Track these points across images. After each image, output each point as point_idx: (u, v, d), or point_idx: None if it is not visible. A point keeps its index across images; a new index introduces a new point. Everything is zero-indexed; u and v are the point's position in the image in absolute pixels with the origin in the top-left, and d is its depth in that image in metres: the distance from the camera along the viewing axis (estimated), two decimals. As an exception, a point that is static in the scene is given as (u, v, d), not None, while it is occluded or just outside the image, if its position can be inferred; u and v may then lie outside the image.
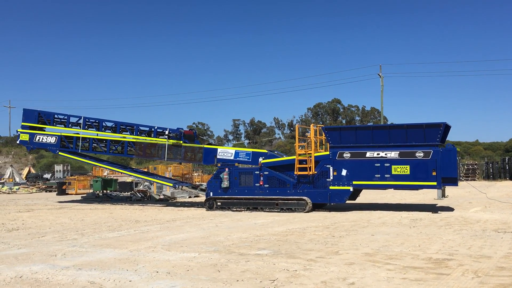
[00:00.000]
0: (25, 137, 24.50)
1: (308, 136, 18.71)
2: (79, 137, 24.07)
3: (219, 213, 18.27)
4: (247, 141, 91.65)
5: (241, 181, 19.20)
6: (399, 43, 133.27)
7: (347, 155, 17.51)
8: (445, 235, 11.30)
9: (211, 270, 7.74)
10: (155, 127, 23.04)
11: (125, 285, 6.94)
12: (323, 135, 18.85)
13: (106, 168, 31.34)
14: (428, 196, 24.45)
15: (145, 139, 23.32)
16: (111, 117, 43.46)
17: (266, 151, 20.83)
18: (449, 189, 28.00)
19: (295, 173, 18.16)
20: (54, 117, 24.62)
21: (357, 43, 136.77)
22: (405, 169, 16.70)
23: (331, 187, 17.69)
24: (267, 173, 18.79)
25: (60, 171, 51.44)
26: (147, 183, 30.39)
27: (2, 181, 51.87)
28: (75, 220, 16.67)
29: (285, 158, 19.66)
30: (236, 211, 18.65)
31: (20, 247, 10.56)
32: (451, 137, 77.21)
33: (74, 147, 24.08)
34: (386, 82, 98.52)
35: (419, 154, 16.61)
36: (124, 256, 9.19)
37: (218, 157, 21.30)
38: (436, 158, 16.37)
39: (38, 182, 49.63)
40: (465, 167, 49.27)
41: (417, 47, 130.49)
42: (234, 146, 78.71)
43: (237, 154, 20.93)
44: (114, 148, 23.93)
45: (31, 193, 40.86)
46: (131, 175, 27.86)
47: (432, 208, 18.29)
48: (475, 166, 49.55)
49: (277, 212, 17.97)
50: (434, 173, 16.37)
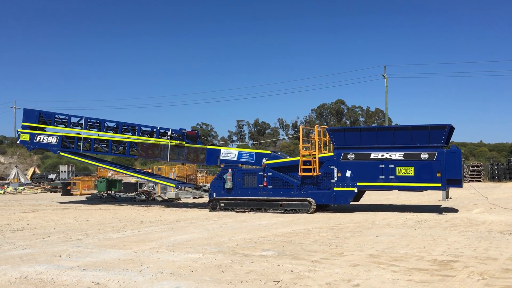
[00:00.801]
0: (25, 137, 24.36)
1: (312, 137, 18.68)
2: (81, 137, 23.92)
3: (223, 214, 18.26)
4: (251, 142, 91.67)
5: (244, 182, 19.18)
6: (404, 44, 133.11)
7: (351, 156, 17.48)
8: (450, 237, 11.24)
9: (215, 271, 7.73)
10: (158, 128, 22.97)
11: (129, 285, 6.95)
12: (327, 136, 18.82)
13: (107, 169, 31.23)
14: (432, 197, 24.36)
15: (147, 140, 23.24)
16: (114, 118, 43.56)
17: (270, 152, 20.79)
18: (454, 191, 27.91)
19: (299, 174, 18.13)
20: (55, 117, 24.48)
21: (362, 44, 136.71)
22: (409, 171, 16.67)
23: (335, 188, 17.66)
24: (270, 174, 18.76)
25: (64, 171, 51.59)
26: (151, 184, 30.42)
27: (7, 181, 52.11)
28: (79, 220, 16.70)
29: (289, 159, 19.63)
30: (240, 212, 18.64)
31: (25, 248, 10.59)
32: (455, 138, 76.99)
33: (76, 147, 23.94)
34: (391, 83, 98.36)
35: (424, 156, 16.57)
36: (128, 256, 9.20)
37: (221, 158, 21.25)
38: (441, 160, 16.34)
39: (43, 183, 49.81)
40: (470, 169, 49.05)
41: (421, 48, 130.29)
42: (238, 147, 78.73)
43: (240, 155, 20.90)
44: (116, 148, 23.84)
45: (36, 193, 41.01)
46: (133, 176, 27.83)
47: (437, 210, 18.22)
48: (480, 167, 49.31)
49: (281, 213, 17.94)
50: (438, 175, 16.36)
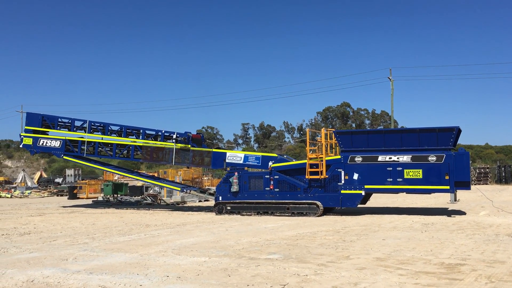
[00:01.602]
0: (28, 141, 24.34)
1: (319, 140, 18.65)
2: (84, 141, 23.90)
3: (229, 217, 18.25)
4: (256, 145, 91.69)
5: (250, 185, 19.16)
6: (409, 47, 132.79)
7: (358, 159, 17.44)
8: (457, 240, 11.17)
9: (221, 275, 7.72)
10: (162, 131, 22.92)
11: (135, 289, 6.94)
12: (334, 139, 18.78)
13: (111, 172, 31.20)
14: (439, 200, 24.24)
15: (153, 143, 23.20)
16: (119, 122, 43.66)
17: (276, 155, 20.75)
18: (461, 193, 27.74)
19: (306, 177, 18.10)
20: (58, 121, 24.45)
21: (367, 46, 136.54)
22: (417, 173, 16.62)
23: (342, 191, 17.62)
24: (277, 177, 18.73)
25: (71, 175, 51.87)
26: (157, 188, 30.48)
27: (14, 185, 52.39)
28: (86, 224, 16.75)
29: (295, 162, 19.59)
30: (246, 215, 18.62)
31: (32, 251, 10.63)
32: (462, 140, 76.61)
33: (79, 151, 23.91)
34: (396, 85, 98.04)
35: (432, 158, 16.51)
36: (134, 260, 9.21)
37: (227, 161, 21.20)
38: (449, 162, 16.29)
39: (50, 186, 50.09)
40: (477, 171, 48.76)
41: (427, 50, 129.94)
42: (244, 150, 78.73)
43: (246, 158, 20.87)
44: (120, 152, 23.80)
45: (42, 197, 41.21)
46: (137, 179, 27.82)
47: (444, 212, 18.12)
48: (487, 170, 49.02)
49: (288, 216, 17.91)
50: (447, 177, 16.30)
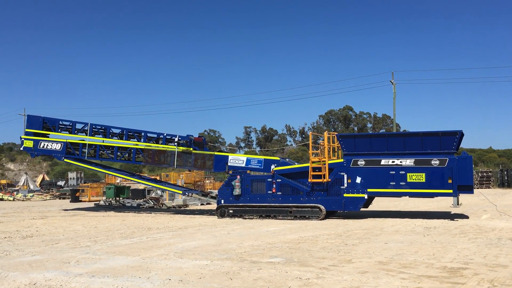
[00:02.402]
0: (29, 143, 24.26)
1: (322, 143, 18.64)
2: (85, 143, 23.86)
3: (231, 220, 18.25)
4: (258, 149, 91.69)
5: (253, 188, 19.16)
6: (412, 50, 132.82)
7: (361, 162, 17.44)
8: (459, 244, 11.15)
9: (223, 278, 7.72)
10: (164, 134, 22.92)
11: (137, 292, 6.95)
12: (336, 142, 18.77)
13: (112, 175, 31.12)
14: (441, 204, 24.19)
15: (154, 146, 23.19)
16: (120, 125, 43.80)
17: (279, 158, 20.75)
18: (463, 197, 27.68)
19: (309, 180, 18.09)
20: (59, 123, 24.41)
21: (369, 50, 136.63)
22: (420, 177, 16.61)
23: (345, 195, 17.60)
24: (279, 180, 18.73)
25: (73, 178, 51.93)
26: (159, 191, 30.49)
27: (17, 188, 52.48)
28: (88, 227, 16.77)
29: (298, 165, 19.59)
30: (248, 218, 18.61)
31: (34, 254, 10.65)
32: (464, 144, 76.49)
33: (80, 154, 23.89)
34: (399, 89, 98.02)
35: (435, 162, 16.51)
36: (136, 263, 9.21)
37: (229, 164, 21.20)
38: (452, 166, 16.29)
39: (52, 189, 50.13)
40: (480, 175, 48.65)
41: (429, 54, 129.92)
42: (246, 153, 78.75)
43: (248, 161, 20.87)
44: (121, 155, 23.77)
45: (45, 200, 41.25)
46: (138, 183, 27.80)
47: (446, 216, 18.08)
48: (489, 174, 48.90)
49: (290, 219, 17.90)
50: (450, 181, 16.30)
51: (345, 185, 17.63)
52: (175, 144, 22.37)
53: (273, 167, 19.43)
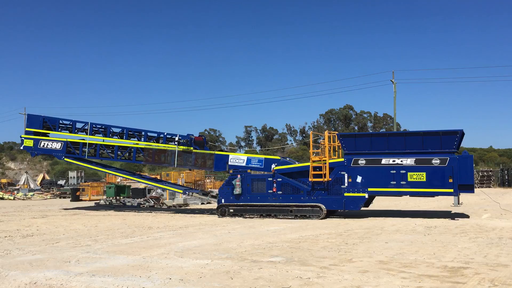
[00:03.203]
0: (29, 143, 24.28)
1: (322, 143, 18.64)
2: (86, 143, 23.86)
3: (231, 219, 18.25)
4: (259, 148, 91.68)
5: (253, 187, 19.15)
6: (412, 49, 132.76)
7: (362, 161, 17.43)
8: (460, 243, 11.14)
9: (224, 277, 7.72)
10: (165, 133, 22.89)
11: (138, 291, 6.95)
12: (337, 141, 18.76)
13: (113, 174, 31.06)
14: (442, 203, 24.18)
15: (155, 145, 23.14)
16: (121, 124, 43.80)
17: (279, 158, 20.74)
18: (464, 196, 27.68)
19: (309, 179, 18.08)
20: (60, 122, 24.41)
21: (370, 49, 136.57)
22: (421, 176, 16.61)
23: (346, 194, 17.60)
24: (280, 179, 18.73)
25: (74, 177, 52.00)
26: (159, 190, 30.50)
27: (17, 187, 52.52)
28: (88, 226, 16.77)
29: (298, 164, 19.59)
30: (249, 218, 18.61)
31: (35, 253, 10.65)
32: (465, 143, 76.49)
33: (81, 153, 23.88)
34: (399, 88, 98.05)
35: (436, 161, 16.51)
36: (137, 262, 9.21)
37: (229, 163, 21.18)
38: (453, 165, 16.30)
39: (53, 188, 50.17)
40: (480, 174, 48.65)
41: (430, 53, 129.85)
42: (246, 152, 78.77)
43: (249, 160, 20.86)
44: (121, 154, 23.75)
45: (45, 199, 41.29)
46: (138, 182, 27.80)
47: (447, 215, 18.07)
48: (490, 173, 48.89)
49: (291, 219, 17.90)
50: (450, 180, 16.30)
51: (346, 184, 17.62)
52: (176, 143, 22.34)
53: (273, 166, 19.42)
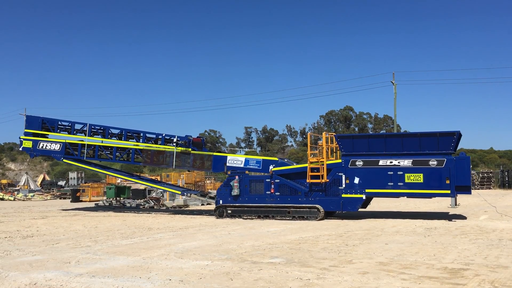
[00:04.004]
0: (28, 144, 24.26)
1: (320, 144, 18.65)
2: (84, 144, 23.86)
3: (231, 221, 18.24)
4: (259, 149, 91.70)
5: (251, 189, 19.16)
6: (413, 51, 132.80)
7: (359, 163, 17.44)
8: (460, 244, 11.14)
9: (224, 278, 7.72)
10: (163, 135, 22.89)
11: (138, 292, 6.95)
12: (335, 143, 18.78)
13: (111, 175, 30.99)
14: (442, 204, 24.17)
15: (152, 147, 23.14)
16: (120, 125, 43.76)
17: (277, 159, 20.74)
18: (464, 198, 27.68)
19: (307, 181, 18.09)
20: (58, 124, 24.41)
21: (370, 50, 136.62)
22: (418, 177, 16.63)
23: (343, 195, 17.61)
24: (278, 181, 18.74)
25: (74, 178, 51.98)
26: (160, 191, 30.48)
27: (18, 188, 52.51)
28: (88, 227, 16.77)
29: (296, 166, 19.61)
30: (247, 219, 18.61)
31: (35, 254, 10.65)
32: (465, 144, 76.51)
33: (79, 154, 23.89)
34: (399, 89, 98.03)
35: (433, 163, 16.52)
36: (137, 263, 9.21)
37: (228, 164, 21.16)
38: (450, 167, 16.31)
39: (53, 189, 50.17)
40: (480, 176, 48.62)
41: (431, 54, 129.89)
42: (247, 153, 78.75)
43: (247, 161, 20.85)
44: (120, 155, 23.75)
45: (45, 200, 41.27)
46: (137, 183, 27.77)
47: (447, 217, 18.06)
48: (490, 174, 48.86)
49: (289, 220, 17.89)
50: (447, 181, 16.32)
51: (343, 185, 17.64)
52: (174, 144, 22.36)
53: (271, 167, 19.43)
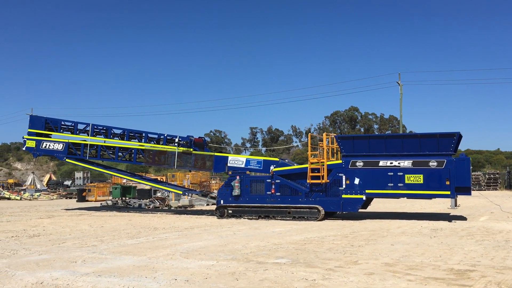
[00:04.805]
0: (31, 143, 24.47)
1: (321, 145, 18.65)
2: (87, 144, 24.03)
3: (236, 221, 18.26)
4: (264, 149, 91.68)
5: (252, 189, 19.19)
6: (419, 51, 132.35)
7: (359, 163, 17.43)
8: (466, 246, 11.09)
9: (229, 279, 7.73)
10: (165, 135, 22.98)
11: (144, 292, 6.97)
12: (336, 143, 18.76)
13: (114, 175, 31.02)
14: (446, 205, 24.06)
15: (154, 147, 23.22)
16: (123, 125, 43.92)
17: (278, 159, 20.74)
18: (470, 199, 27.57)
19: (307, 181, 18.11)
20: (61, 124, 24.59)
21: (376, 51, 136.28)
22: (418, 178, 16.62)
23: (343, 196, 17.61)
24: (278, 181, 18.76)
25: (80, 178, 52.21)
26: (165, 191, 30.53)
27: (24, 187, 52.80)
28: (94, 226, 16.84)
29: (297, 166, 19.63)
30: (247, 219, 18.62)
31: (41, 253, 10.70)
32: (472, 145, 76.14)
33: (82, 154, 24.04)
34: (405, 90, 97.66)
35: (433, 163, 16.50)
36: (143, 263, 9.24)
37: (229, 165, 21.19)
38: (450, 168, 16.31)
39: (59, 189, 50.41)
40: (487, 176, 48.38)
41: (437, 55, 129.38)
42: (252, 154, 78.75)
43: (248, 162, 20.85)
44: (122, 155, 23.88)
45: (51, 199, 41.47)
46: (139, 183, 27.85)
47: (453, 218, 17.99)
48: (497, 175, 48.60)
49: (289, 220, 17.91)
50: (447, 182, 16.32)
51: (344, 186, 17.63)
52: (176, 144, 22.45)
53: (272, 168, 19.45)
